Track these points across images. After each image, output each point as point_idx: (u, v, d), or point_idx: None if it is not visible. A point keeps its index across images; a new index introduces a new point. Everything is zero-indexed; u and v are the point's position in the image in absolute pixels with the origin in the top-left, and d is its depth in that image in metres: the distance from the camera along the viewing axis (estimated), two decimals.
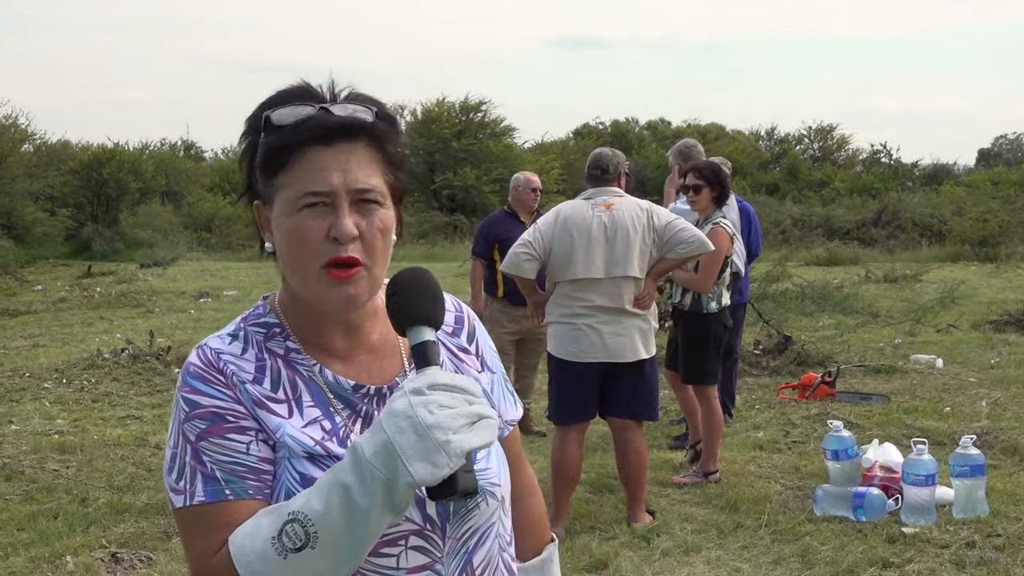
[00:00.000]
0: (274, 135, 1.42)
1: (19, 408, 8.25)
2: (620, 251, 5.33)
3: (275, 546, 1.31)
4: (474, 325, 1.65)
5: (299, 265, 1.43)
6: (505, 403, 1.66)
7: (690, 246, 5.42)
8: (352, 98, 1.47)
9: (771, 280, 13.57)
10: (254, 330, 1.51)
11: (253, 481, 1.41)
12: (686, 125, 43.93)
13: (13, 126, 27.92)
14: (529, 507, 1.72)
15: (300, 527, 1.29)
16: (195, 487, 1.41)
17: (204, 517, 1.40)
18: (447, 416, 1.25)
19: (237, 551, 1.34)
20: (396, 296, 1.38)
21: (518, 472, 1.68)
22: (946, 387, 8.75)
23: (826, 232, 26.25)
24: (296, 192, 1.41)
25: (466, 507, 1.46)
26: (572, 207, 5.52)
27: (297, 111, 1.42)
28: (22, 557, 5.02)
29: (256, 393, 1.45)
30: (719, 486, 6.07)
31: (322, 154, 1.41)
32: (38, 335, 12.60)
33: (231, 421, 1.42)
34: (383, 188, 1.44)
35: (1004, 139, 54.01)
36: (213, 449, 1.41)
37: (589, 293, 5.34)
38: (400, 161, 1.48)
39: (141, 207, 29.07)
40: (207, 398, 1.43)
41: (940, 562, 4.78)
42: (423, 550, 1.44)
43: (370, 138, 1.44)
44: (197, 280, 19.66)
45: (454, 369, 1.57)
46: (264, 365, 1.48)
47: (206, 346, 1.49)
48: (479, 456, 1.47)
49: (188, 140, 43.92)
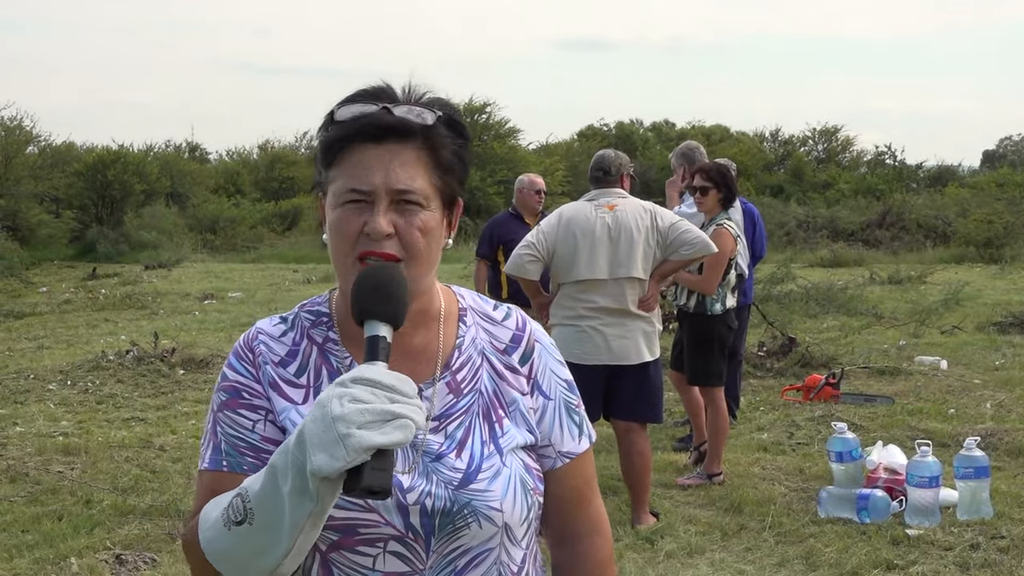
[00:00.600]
0: (333, 130, 1.47)
1: (24, 410, 8.26)
2: (623, 252, 5.33)
3: (223, 517, 1.35)
4: (534, 347, 1.61)
5: (337, 256, 1.47)
6: (561, 433, 1.59)
7: (694, 247, 5.42)
8: (422, 101, 1.49)
9: (775, 282, 13.54)
10: (305, 316, 1.57)
11: (251, 458, 1.46)
12: (690, 127, 43.93)
13: (18, 128, 28.00)
14: (592, 547, 1.63)
15: (241, 502, 1.34)
16: (206, 453, 1.51)
17: (203, 482, 1.49)
18: (355, 410, 1.24)
19: (202, 517, 1.40)
20: (354, 289, 1.40)
21: (578, 509, 1.62)
22: (950, 389, 8.74)
23: (830, 234, 26.20)
24: (342, 187, 1.45)
25: (453, 524, 1.44)
26: (575, 208, 5.52)
27: (359, 108, 1.45)
28: (26, 559, 5.03)
29: (274, 374, 1.51)
30: (723, 488, 6.07)
31: (370, 152, 1.44)
32: (43, 337, 12.61)
33: (246, 398, 1.50)
34: (427, 191, 1.46)
35: (1009, 140, 53.95)
36: (226, 421, 1.50)
37: (593, 294, 5.34)
38: (452, 167, 1.49)
39: (146, 209, 29.09)
40: (233, 373, 1.53)
41: (944, 564, 4.77)
42: (403, 558, 1.44)
43: (423, 141, 1.45)
44: (202, 282, 19.69)
45: (492, 387, 1.55)
46: (298, 350, 1.53)
47: (256, 326, 1.58)
48: (480, 477, 1.46)
49: (193, 142, 44.05)
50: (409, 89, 1.50)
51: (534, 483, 1.53)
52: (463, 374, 1.55)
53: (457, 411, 1.52)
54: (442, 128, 1.47)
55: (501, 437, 1.52)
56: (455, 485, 1.45)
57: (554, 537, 1.64)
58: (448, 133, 1.48)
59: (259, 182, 37.60)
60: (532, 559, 1.57)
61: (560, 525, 1.62)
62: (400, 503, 1.42)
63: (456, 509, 1.44)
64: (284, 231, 31.55)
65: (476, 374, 1.55)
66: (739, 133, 44.79)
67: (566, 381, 1.63)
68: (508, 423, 1.54)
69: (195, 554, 1.41)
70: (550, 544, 1.66)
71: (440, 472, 1.46)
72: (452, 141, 1.49)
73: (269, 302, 15.85)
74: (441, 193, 1.48)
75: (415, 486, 1.44)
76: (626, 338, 5.35)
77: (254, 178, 37.92)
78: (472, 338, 1.58)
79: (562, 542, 1.64)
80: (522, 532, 1.51)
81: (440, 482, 1.45)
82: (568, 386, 1.63)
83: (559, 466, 1.59)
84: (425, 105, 1.47)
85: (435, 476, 1.46)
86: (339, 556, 1.43)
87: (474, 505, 1.45)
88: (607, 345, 5.33)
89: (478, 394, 1.54)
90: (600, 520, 1.66)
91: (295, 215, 32.65)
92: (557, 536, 1.64)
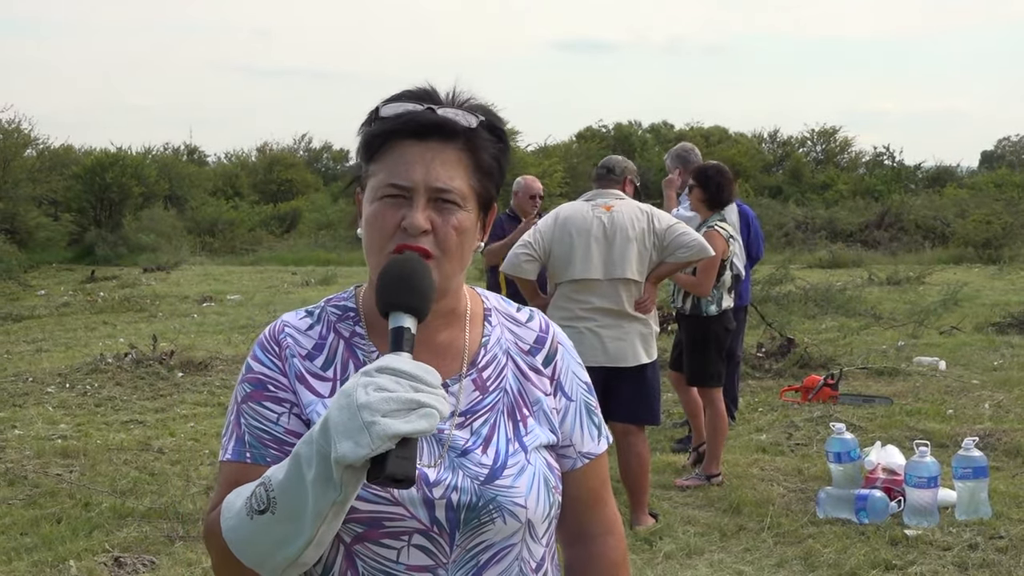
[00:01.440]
0: (377, 125, 1.49)
1: (22, 413, 8.26)
2: (618, 253, 5.34)
3: (247, 506, 1.36)
4: (557, 348, 1.63)
5: (372, 248, 1.48)
6: (582, 433, 1.62)
7: (690, 250, 5.43)
8: (465, 105, 1.51)
9: (774, 283, 13.58)
10: (332, 310, 1.58)
11: (274, 450, 1.47)
12: (689, 128, 43.92)
13: (16, 131, 27.95)
14: (606, 547, 1.66)
15: (264, 491, 1.34)
16: (228, 444, 1.51)
17: (225, 473, 1.49)
18: (380, 398, 1.25)
19: (226, 506, 1.41)
20: (379, 280, 1.41)
21: (594, 510, 1.65)
22: (949, 389, 8.75)
23: (829, 235, 26.24)
24: (382, 180, 1.47)
25: (478, 518, 1.46)
26: (572, 208, 5.53)
27: (404, 106, 1.48)
28: (25, 562, 5.03)
29: (301, 368, 1.52)
30: (722, 489, 6.07)
31: (412, 148, 1.46)
32: (41, 340, 12.60)
33: (271, 391, 1.51)
34: (465, 191, 1.48)
35: (1007, 141, 53.91)
36: (250, 413, 1.50)
37: (588, 295, 5.35)
38: (491, 171, 1.52)
39: (144, 211, 29.10)
40: (259, 365, 1.53)
41: (943, 564, 4.78)
42: (427, 551, 1.45)
43: (465, 142, 1.48)
44: (200, 284, 19.68)
45: (516, 386, 1.57)
46: (324, 344, 1.55)
47: (281, 319, 1.59)
48: (506, 473, 1.48)
49: (191, 144, 44.05)
50: (453, 93, 1.52)
51: (556, 482, 1.55)
52: (489, 372, 1.56)
53: (483, 408, 1.53)
54: (484, 132, 1.50)
55: (526, 435, 1.54)
56: (481, 480, 1.47)
57: (568, 537, 1.66)
58: (490, 137, 1.52)
59: (257, 184, 37.64)
60: (551, 557, 1.59)
61: (575, 525, 1.64)
62: (426, 497, 1.44)
63: (482, 504, 1.46)
64: (282, 234, 31.58)
65: (501, 373, 1.57)
66: (737, 134, 44.82)
67: (586, 383, 1.66)
68: (532, 422, 1.56)
69: (216, 544, 1.41)
70: (564, 544, 1.67)
71: (466, 467, 1.47)
72: (493, 145, 1.52)
73: (268, 304, 15.84)
74: (478, 195, 1.51)
75: (441, 480, 1.46)
76: (623, 340, 5.35)
77: (252, 181, 37.96)
78: (497, 338, 1.60)
79: (576, 542, 1.65)
80: (543, 529, 1.53)
81: (466, 477, 1.47)
82: (588, 388, 1.66)
83: (579, 467, 1.61)
84: (468, 109, 1.50)
85: (461, 471, 1.47)
86: (363, 548, 1.44)
87: (499, 501, 1.46)
88: (603, 347, 5.33)
89: (503, 392, 1.56)
90: (614, 521, 1.68)
91: (293, 218, 32.68)
92: (571, 536, 1.65)
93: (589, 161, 38.45)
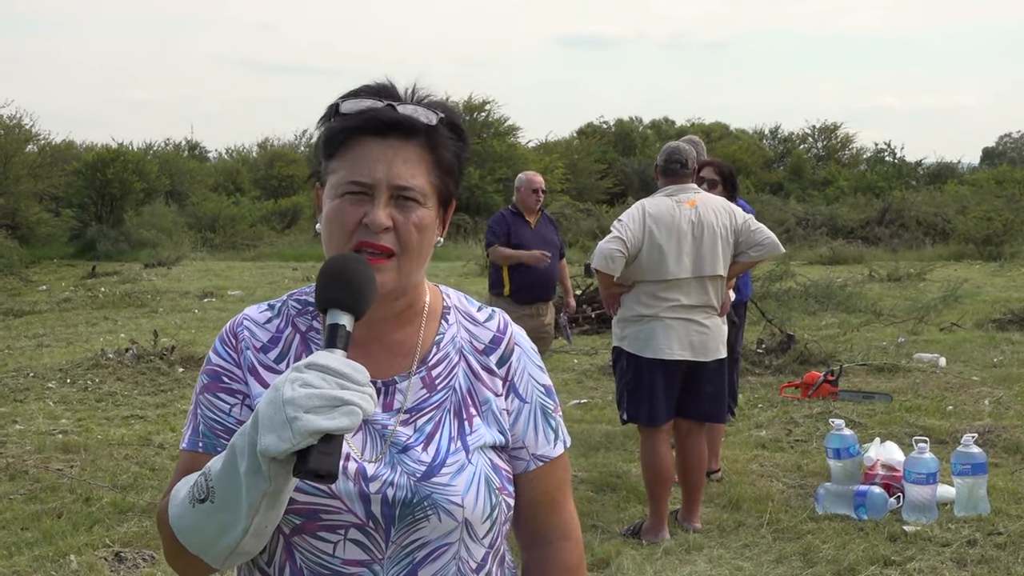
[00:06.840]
0: (337, 121, 1.50)
1: (23, 408, 8.27)
2: (707, 249, 5.22)
3: (189, 495, 1.39)
4: (513, 350, 1.62)
5: (332, 245, 1.49)
6: (536, 436, 1.60)
7: (764, 248, 5.33)
8: (424, 102, 1.52)
9: (775, 279, 13.57)
10: (293, 304, 1.61)
11: (225, 440, 1.49)
12: (690, 124, 43.95)
13: (17, 126, 27.94)
14: (562, 551, 1.63)
15: (204, 480, 1.38)
16: (186, 433, 1.55)
17: (180, 462, 1.53)
18: (304, 395, 1.27)
19: (172, 494, 1.45)
20: (319, 276, 1.42)
21: (550, 513, 1.62)
22: (949, 386, 8.75)
23: (830, 231, 26.25)
24: (343, 178, 1.48)
25: (412, 515, 1.45)
26: (658, 204, 5.31)
27: (365, 103, 1.49)
28: (26, 556, 5.04)
29: (254, 360, 1.55)
30: (721, 484, 6.08)
31: (373, 145, 1.47)
32: (42, 335, 12.62)
33: (225, 382, 1.54)
34: (426, 188, 1.49)
35: (1008, 137, 53.93)
36: (206, 404, 1.54)
37: (676, 293, 5.20)
38: (451, 168, 1.53)
39: (145, 207, 29.06)
40: (217, 357, 1.57)
41: (941, 560, 4.79)
42: (363, 546, 1.46)
43: (425, 140, 1.49)
44: (201, 280, 19.69)
45: (466, 385, 1.56)
46: (281, 337, 1.57)
47: (244, 312, 1.63)
48: (443, 471, 1.47)
49: (192, 140, 44.08)
50: (412, 90, 1.53)
51: (501, 483, 1.54)
52: (439, 370, 1.56)
53: (429, 406, 1.53)
54: (444, 129, 1.51)
55: (470, 435, 1.53)
56: (418, 477, 1.47)
57: (525, 540, 1.65)
58: (449, 135, 1.53)
59: (258, 180, 37.61)
60: (496, 559, 1.57)
61: (531, 528, 1.63)
62: (363, 491, 1.45)
63: (416, 500, 1.46)
64: (283, 229, 31.55)
65: (452, 371, 1.57)
66: (739, 131, 44.86)
67: (544, 386, 1.64)
68: (478, 421, 1.55)
69: (165, 531, 1.44)
70: (521, 547, 1.66)
71: (405, 463, 1.48)
72: (453, 143, 1.53)
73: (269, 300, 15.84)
74: (438, 192, 1.52)
75: (379, 475, 1.46)
76: (706, 334, 5.24)
77: (253, 176, 37.92)
78: (452, 336, 1.59)
79: (533, 545, 1.64)
80: (484, 530, 1.51)
81: (404, 473, 1.47)
82: (546, 391, 1.64)
83: (532, 469, 1.60)
84: (427, 106, 1.50)
85: (400, 467, 1.47)
86: (301, 541, 1.46)
87: (435, 498, 1.46)
88: (689, 341, 5.20)
89: (451, 391, 1.55)
90: (571, 525, 1.66)
91: (294, 213, 32.65)
92: (528, 539, 1.64)
93: (590, 157, 38.47)
